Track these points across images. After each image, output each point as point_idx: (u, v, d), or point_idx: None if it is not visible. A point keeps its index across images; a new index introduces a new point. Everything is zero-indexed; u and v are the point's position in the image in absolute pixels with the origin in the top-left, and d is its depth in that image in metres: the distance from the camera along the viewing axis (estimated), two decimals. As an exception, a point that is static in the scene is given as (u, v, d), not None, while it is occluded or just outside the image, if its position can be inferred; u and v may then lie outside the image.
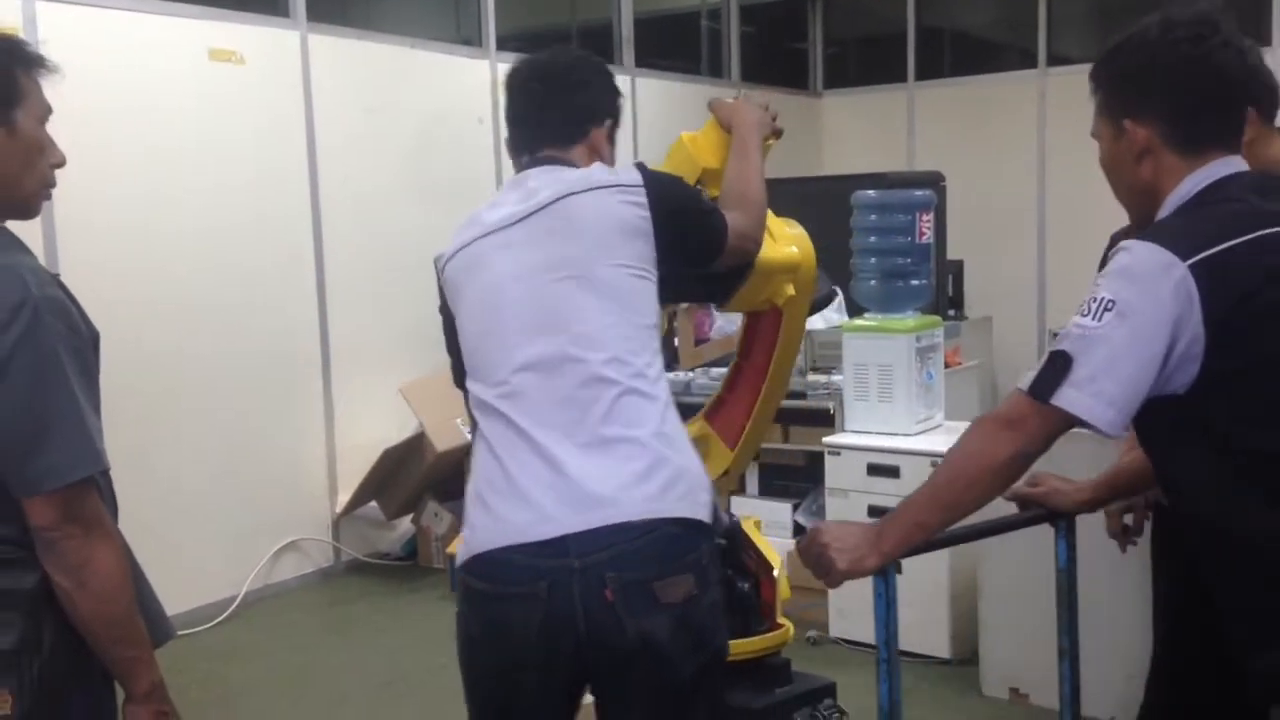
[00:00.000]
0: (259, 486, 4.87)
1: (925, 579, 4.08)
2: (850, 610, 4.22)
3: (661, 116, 7.00)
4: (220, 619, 4.62)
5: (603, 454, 1.79)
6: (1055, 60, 7.66)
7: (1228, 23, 1.68)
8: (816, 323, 5.07)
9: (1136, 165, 1.71)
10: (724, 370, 4.91)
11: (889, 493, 4.13)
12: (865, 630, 4.18)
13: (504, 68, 6.25)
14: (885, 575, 1.89)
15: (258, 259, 4.93)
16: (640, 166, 1.96)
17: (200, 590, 4.60)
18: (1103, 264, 5.57)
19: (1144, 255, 1.58)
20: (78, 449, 1.58)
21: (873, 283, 4.44)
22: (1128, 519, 2.72)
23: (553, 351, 1.84)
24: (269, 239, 4.97)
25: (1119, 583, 3.58)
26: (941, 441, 4.18)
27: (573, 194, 1.91)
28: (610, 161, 2.07)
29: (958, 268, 6.58)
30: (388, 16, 6.71)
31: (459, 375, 2.02)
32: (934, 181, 5.28)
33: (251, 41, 4.94)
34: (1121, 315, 1.56)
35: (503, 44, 6.11)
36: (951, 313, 6.20)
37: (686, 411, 2.08)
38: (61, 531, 1.57)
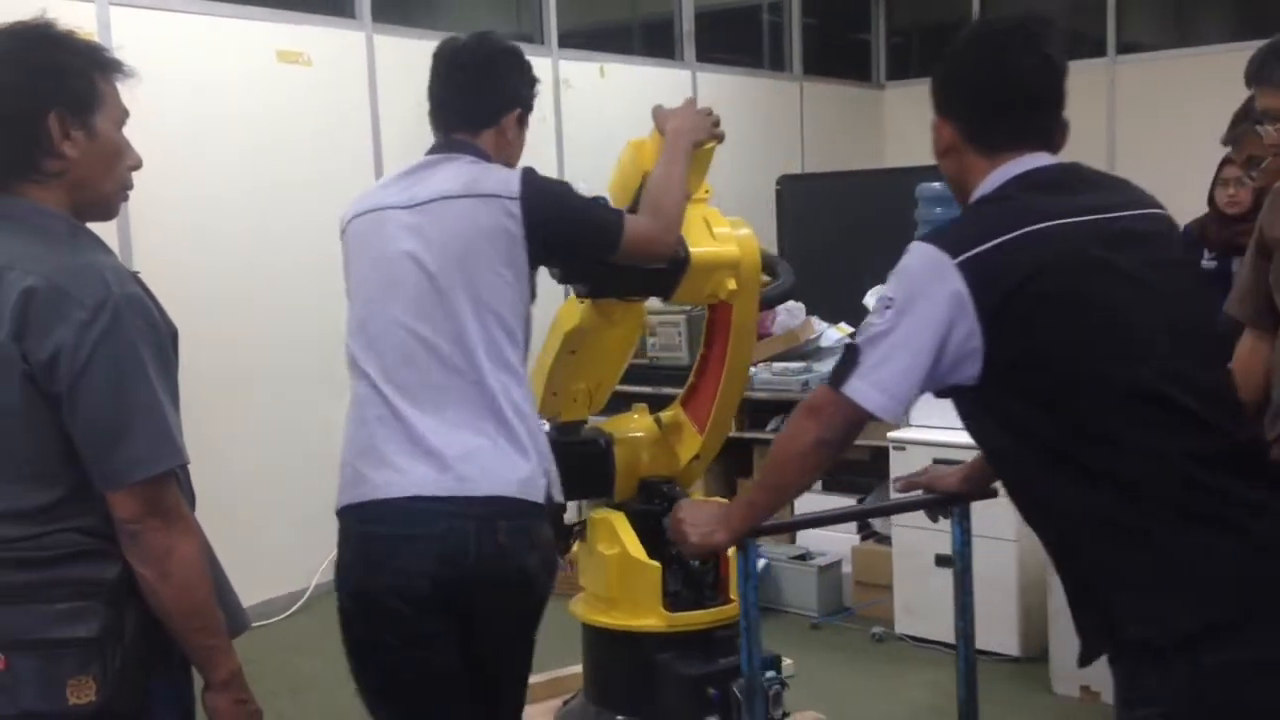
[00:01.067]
0: (328, 478, 4.89)
1: (994, 576, 4.03)
2: (916, 607, 4.19)
3: (722, 111, 6.98)
4: (292, 610, 4.71)
5: (456, 431, 2.05)
6: (1125, 48, 7.51)
7: (1044, 30, 1.80)
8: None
9: (944, 160, 1.86)
10: (786, 364, 4.91)
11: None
12: (931, 627, 4.16)
13: (566, 65, 6.32)
14: (744, 549, 2.05)
15: (326, 254, 4.95)
16: (525, 174, 2.14)
17: (272, 583, 4.69)
18: None
19: (920, 255, 1.71)
20: (159, 443, 1.62)
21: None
22: None
23: (424, 337, 2.07)
24: (337, 235, 5.03)
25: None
26: (1009, 436, 4.13)
27: (449, 198, 2.11)
28: (516, 147, 2.26)
29: (1025, 260, 6.49)
30: (450, 15, 6.76)
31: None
32: (1000, 173, 5.21)
33: (318, 42, 5.01)
34: (899, 312, 1.69)
35: (564, 41, 6.13)
36: (1018, 305, 6.11)
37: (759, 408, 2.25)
38: (144, 524, 1.61)
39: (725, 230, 2.60)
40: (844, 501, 4.76)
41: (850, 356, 1.75)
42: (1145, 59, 7.47)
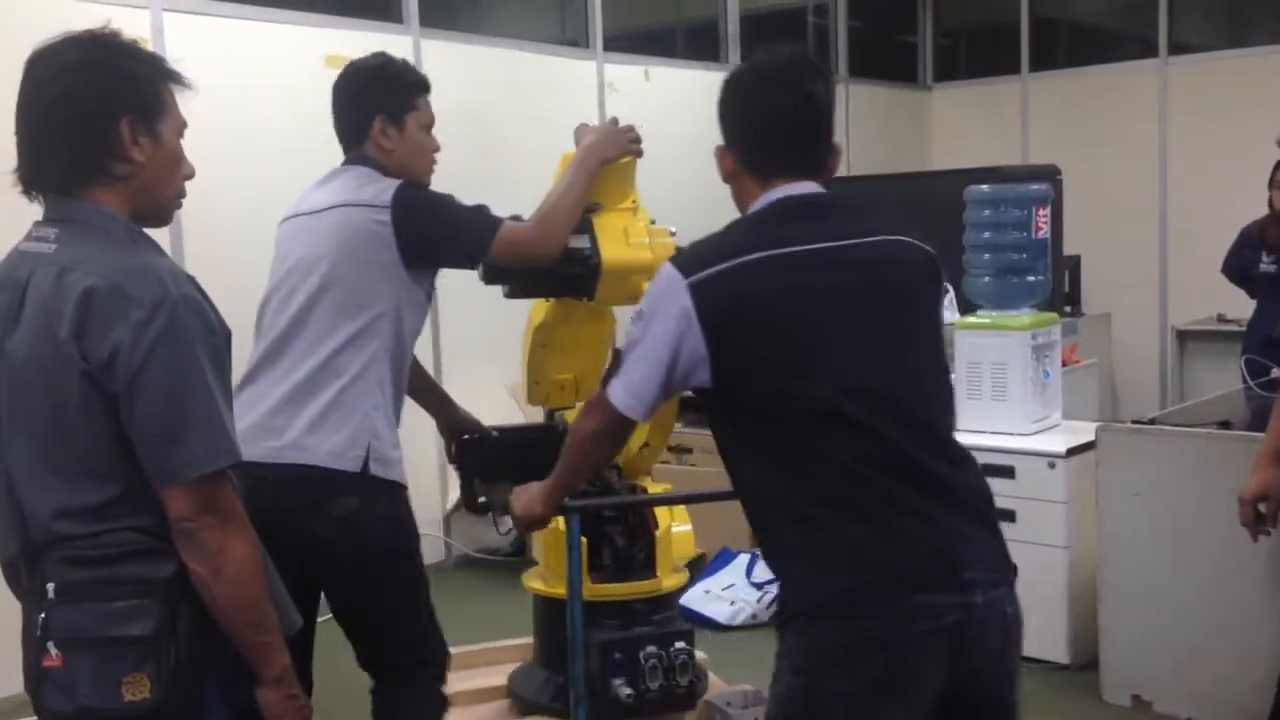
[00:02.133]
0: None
1: (1044, 583, 3.99)
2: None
3: (768, 114, 6.98)
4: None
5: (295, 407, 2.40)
6: (1177, 49, 7.40)
7: (808, 69, 1.98)
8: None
9: (729, 183, 2.03)
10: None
11: (1004, 494, 4.03)
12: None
13: (611, 68, 6.32)
14: (569, 521, 2.53)
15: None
16: (401, 186, 2.46)
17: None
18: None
19: (663, 275, 1.91)
20: (214, 442, 1.64)
21: (986, 279, 4.35)
22: (1263, 507, 2.68)
23: (284, 325, 2.46)
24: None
25: (1250, 588, 3.47)
26: (1059, 441, 4.09)
27: (334, 207, 2.49)
28: (404, 148, 2.59)
29: (1074, 263, 6.42)
30: (496, 19, 6.80)
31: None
32: (1050, 175, 5.16)
33: (366, 48, 4.96)
34: (645, 324, 1.90)
35: (609, 44, 6.14)
36: (1068, 309, 6.05)
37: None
38: (199, 521, 1.63)
39: (642, 238, 2.83)
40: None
41: (616, 361, 2.01)
42: (1197, 60, 7.36)
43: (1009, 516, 4.02)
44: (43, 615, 1.62)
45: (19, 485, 1.69)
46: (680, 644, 2.86)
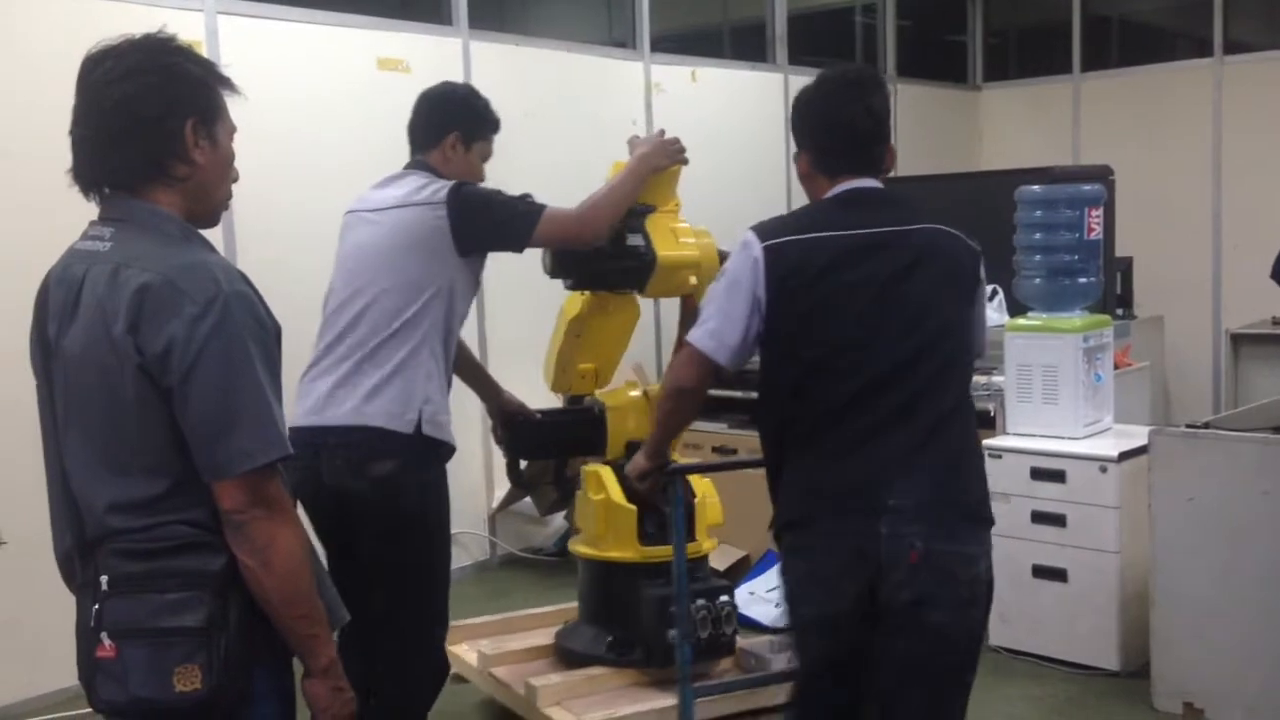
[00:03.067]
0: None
1: (1094, 588, 3.95)
2: (1013, 618, 4.10)
3: (815, 114, 6.94)
4: (384, 608, 4.77)
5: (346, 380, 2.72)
6: (1232, 48, 7.28)
7: (868, 83, 2.39)
8: (976, 322, 4.95)
9: (804, 183, 2.44)
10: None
11: (1054, 497, 4.00)
12: (1028, 640, 4.07)
13: (657, 69, 6.32)
14: (673, 484, 2.90)
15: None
16: (455, 184, 2.79)
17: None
18: (1276, 262, 5.36)
19: (744, 239, 2.31)
20: (264, 435, 1.66)
21: (1037, 281, 4.31)
22: None
23: (347, 311, 2.78)
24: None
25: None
26: (1111, 445, 4.04)
27: (397, 207, 2.81)
28: (458, 164, 2.93)
29: (1127, 265, 6.33)
30: (544, 22, 6.83)
31: None
32: (1102, 176, 5.09)
33: (417, 50, 5.10)
34: (727, 280, 2.31)
35: (656, 45, 6.14)
36: (1120, 312, 5.97)
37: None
38: (248, 514, 1.65)
39: (689, 237, 3.23)
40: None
41: (697, 315, 2.40)
42: (1253, 59, 7.23)
43: (1059, 521, 3.99)
44: (96, 607, 1.65)
45: (74, 479, 1.72)
46: (724, 598, 3.23)
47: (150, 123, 1.69)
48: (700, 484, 3.36)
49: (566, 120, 5.67)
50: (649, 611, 3.17)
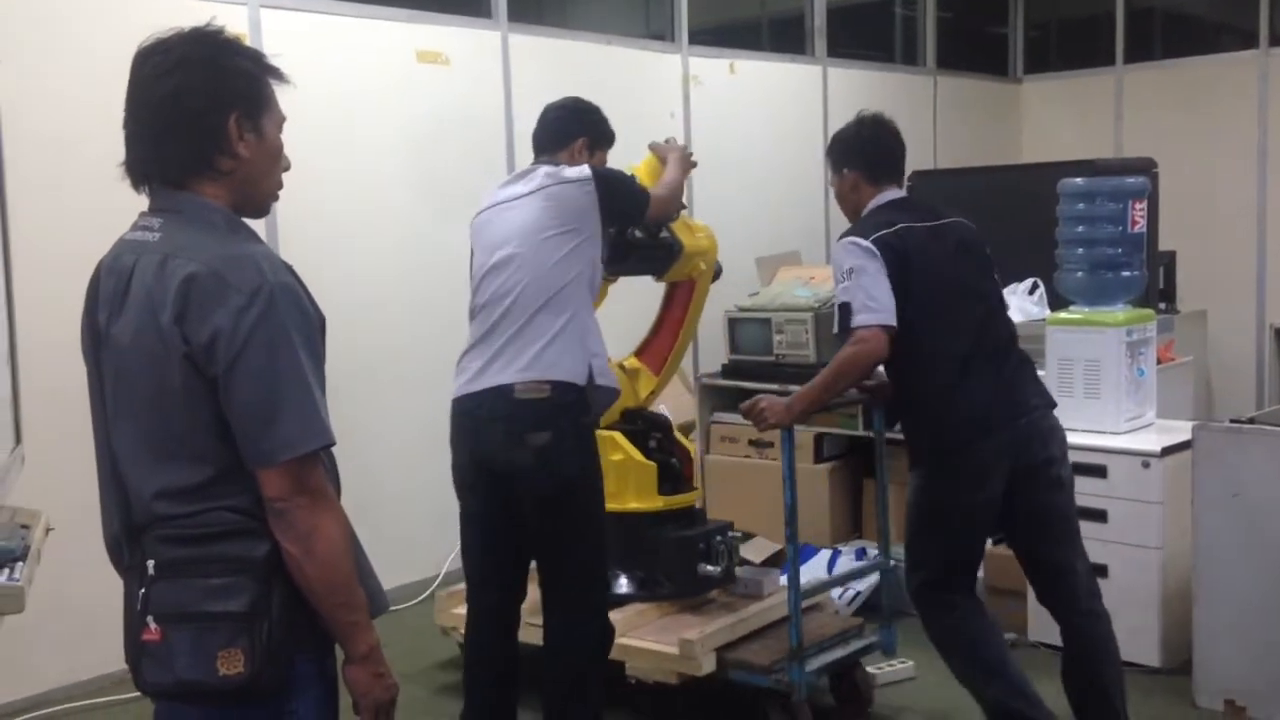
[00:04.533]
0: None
1: (1136, 584, 3.91)
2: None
3: (853, 107, 6.81)
4: (423, 597, 4.82)
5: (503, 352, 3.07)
6: (1278, 40, 7.18)
7: (891, 122, 3.37)
8: (1015, 315, 4.90)
9: (848, 194, 3.31)
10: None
11: (1096, 493, 3.97)
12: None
13: (695, 62, 6.31)
14: (790, 430, 3.38)
15: (460, 251, 5.09)
16: (594, 167, 3.24)
17: (403, 569, 4.80)
18: None
19: (850, 242, 3.10)
20: (308, 424, 1.67)
21: (1080, 274, 4.27)
22: None
23: (509, 286, 3.13)
24: (469, 230, 5.12)
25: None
26: (1154, 441, 3.99)
27: (543, 188, 3.15)
28: (584, 162, 3.30)
29: (1169, 259, 6.25)
30: (583, 14, 6.83)
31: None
32: (1146, 169, 5.02)
33: (456, 42, 5.12)
34: (856, 273, 3.04)
35: (694, 38, 6.13)
36: (1163, 306, 5.89)
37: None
38: (291, 502, 1.66)
39: (700, 231, 3.78)
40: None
41: (845, 310, 3.06)
42: (1301, 50, 7.13)
43: (1100, 516, 3.95)
44: (143, 591, 1.67)
45: (123, 465, 1.74)
46: (731, 533, 3.78)
47: (194, 117, 1.71)
48: (688, 442, 3.90)
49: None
50: (674, 551, 3.66)
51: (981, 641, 3.19)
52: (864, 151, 3.27)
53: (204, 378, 1.65)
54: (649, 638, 3.56)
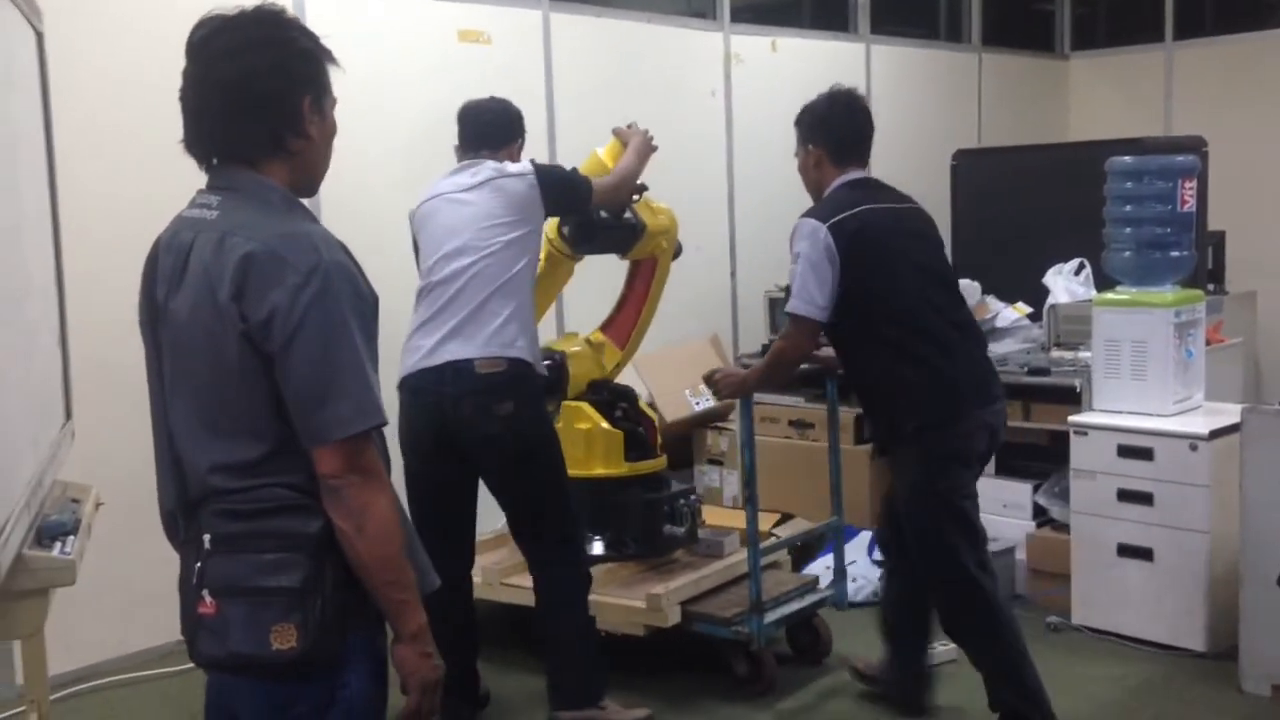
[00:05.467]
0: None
1: (1182, 568, 3.87)
2: (1096, 598, 4.05)
3: (896, 85, 6.83)
4: (463, 575, 4.84)
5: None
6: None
7: (863, 99, 3.40)
8: (1061, 296, 4.85)
9: (811, 171, 3.36)
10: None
11: (1142, 475, 3.93)
12: (1112, 619, 4.01)
13: (737, 40, 6.27)
14: (747, 401, 3.63)
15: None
16: (534, 161, 3.48)
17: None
18: None
19: (807, 225, 3.20)
20: (362, 403, 1.68)
21: (1127, 254, 4.21)
22: None
23: (460, 270, 3.32)
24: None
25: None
26: (1201, 423, 3.95)
27: (489, 180, 3.37)
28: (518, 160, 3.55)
29: (1219, 239, 6.15)
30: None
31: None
32: (1196, 147, 4.94)
33: (497, 22, 5.11)
34: (804, 258, 3.16)
35: (736, 15, 6.09)
36: (1211, 287, 5.81)
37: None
38: (344, 479, 1.68)
39: (661, 211, 3.95)
40: (1017, 486, 4.64)
41: (789, 292, 3.24)
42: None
43: (1146, 499, 3.92)
44: (199, 564, 1.69)
45: (179, 440, 1.76)
46: (693, 497, 4.08)
47: (270, 98, 1.73)
48: (652, 414, 4.09)
49: (645, 92, 5.66)
50: (640, 513, 3.89)
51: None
52: (833, 129, 3.30)
53: (260, 355, 1.67)
54: (618, 594, 3.76)
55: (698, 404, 5.37)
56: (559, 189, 3.43)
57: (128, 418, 3.43)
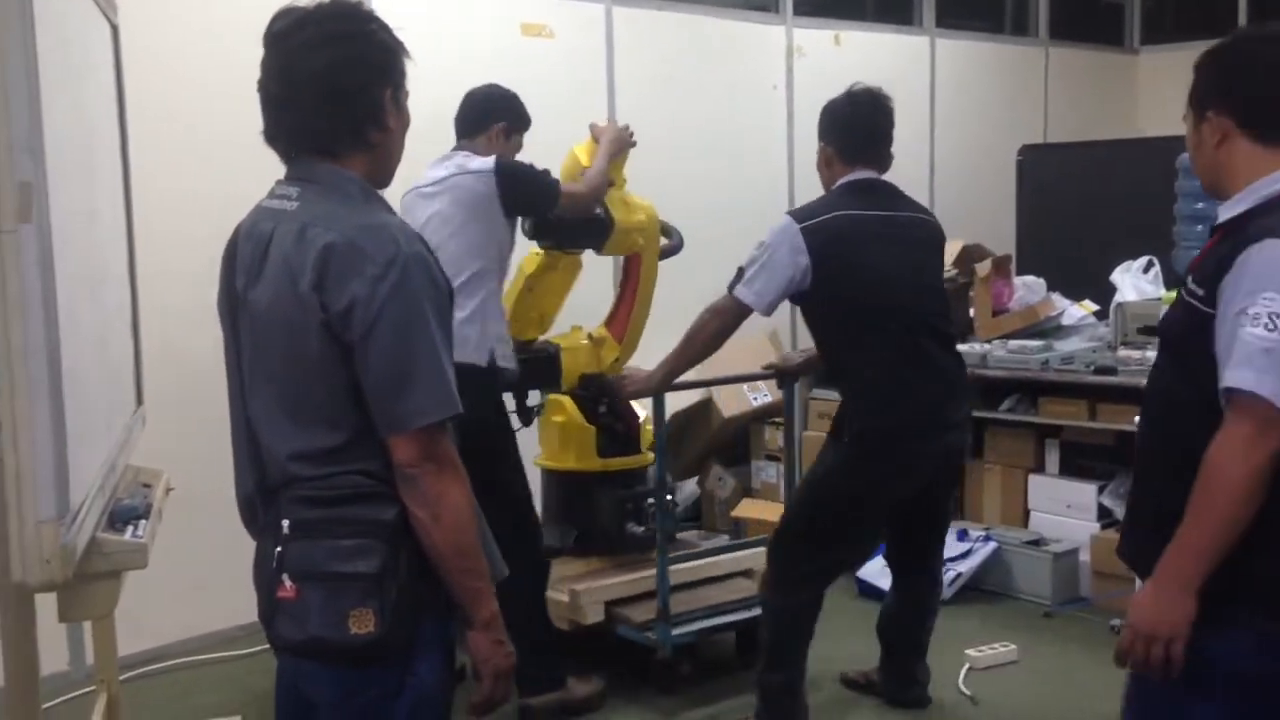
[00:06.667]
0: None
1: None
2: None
3: (960, 79, 6.75)
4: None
5: None
6: None
7: (883, 98, 3.27)
8: (1129, 294, 4.77)
9: (825, 168, 3.31)
10: (1025, 342, 4.73)
11: (1210, 477, 3.85)
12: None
13: (800, 33, 6.22)
14: (660, 399, 3.60)
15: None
16: (499, 158, 3.42)
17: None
18: None
19: (784, 222, 3.18)
20: (438, 393, 1.70)
21: (1197, 253, 4.12)
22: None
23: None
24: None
25: None
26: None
27: (450, 177, 3.39)
28: (500, 148, 3.54)
29: (1291, 238, 6.02)
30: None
31: None
32: (1271, 143, 4.84)
33: (560, 15, 5.12)
34: (769, 250, 3.14)
35: (799, 8, 6.05)
36: (1283, 287, 5.68)
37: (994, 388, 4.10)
38: (420, 468, 1.69)
39: (637, 206, 3.87)
40: (1081, 486, 4.58)
41: (739, 274, 3.18)
42: None
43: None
44: (278, 549, 1.72)
45: (259, 428, 1.79)
46: (669, 497, 3.86)
47: (354, 91, 1.75)
48: (640, 406, 4.02)
49: (706, 85, 5.64)
50: (610, 510, 3.88)
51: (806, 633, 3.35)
52: (844, 128, 3.25)
53: (340, 345, 1.68)
54: (561, 587, 3.76)
55: (755, 399, 5.36)
56: (519, 190, 3.40)
57: (195, 405, 3.50)
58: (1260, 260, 1.73)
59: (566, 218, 3.64)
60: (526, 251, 3.90)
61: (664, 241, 4.04)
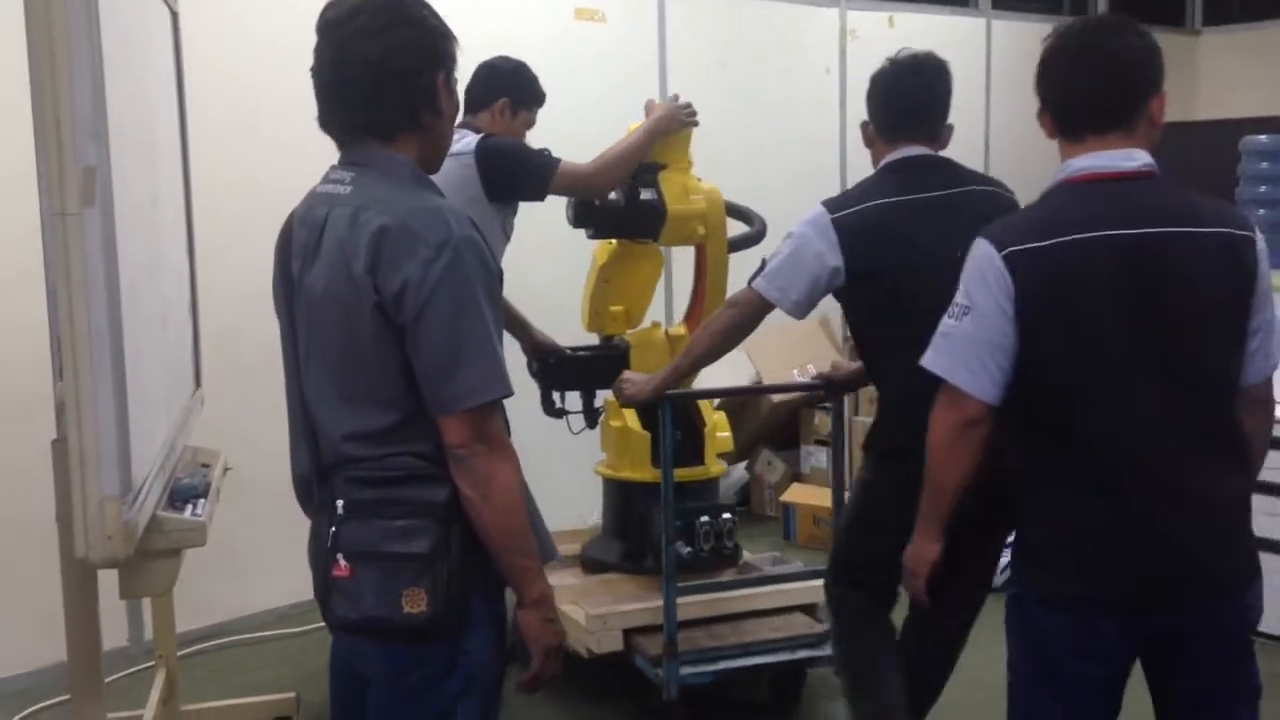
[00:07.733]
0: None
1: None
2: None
3: (1018, 62, 6.61)
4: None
5: None
6: None
7: (932, 65, 2.79)
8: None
9: (869, 146, 2.86)
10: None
11: (1272, 466, 3.77)
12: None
13: (854, 15, 6.15)
14: (661, 405, 3.16)
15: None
16: (483, 138, 3.23)
17: (551, 523, 4.87)
18: None
19: (816, 211, 2.74)
20: (489, 374, 1.72)
21: (1262, 236, 4.05)
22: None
23: None
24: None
25: None
26: (1338, 413, 3.76)
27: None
28: (503, 127, 3.38)
29: (1358, 223, 5.88)
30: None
31: None
32: (1337, 125, 4.74)
33: (612, 0, 5.11)
34: (796, 242, 2.72)
35: (853, -9, 6.00)
36: (1349, 273, 5.55)
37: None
38: (471, 449, 1.71)
39: (698, 193, 3.56)
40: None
41: (761, 266, 2.78)
42: None
43: (1276, 491, 3.76)
44: (333, 529, 1.75)
45: (314, 409, 1.82)
46: (726, 515, 3.57)
47: (409, 76, 1.77)
48: (712, 414, 3.73)
49: (759, 69, 5.61)
50: (658, 525, 3.43)
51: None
52: (883, 99, 2.79)
53: (393, 327, 1.71)
54: (587, 606, 3.43)
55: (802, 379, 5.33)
56: (501, 173, 3.18)
57: (251, 387, 3.55)
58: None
59: (606, 204, 3.42)
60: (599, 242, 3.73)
61: (743, 229, 3.72)
